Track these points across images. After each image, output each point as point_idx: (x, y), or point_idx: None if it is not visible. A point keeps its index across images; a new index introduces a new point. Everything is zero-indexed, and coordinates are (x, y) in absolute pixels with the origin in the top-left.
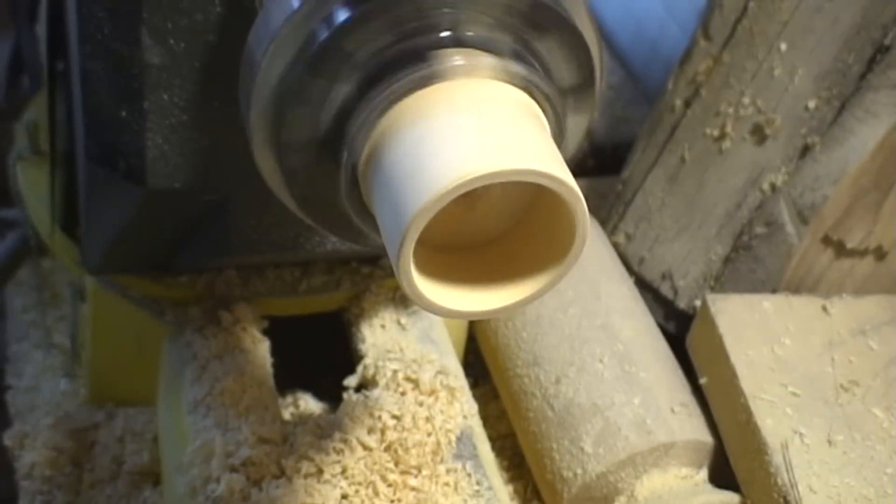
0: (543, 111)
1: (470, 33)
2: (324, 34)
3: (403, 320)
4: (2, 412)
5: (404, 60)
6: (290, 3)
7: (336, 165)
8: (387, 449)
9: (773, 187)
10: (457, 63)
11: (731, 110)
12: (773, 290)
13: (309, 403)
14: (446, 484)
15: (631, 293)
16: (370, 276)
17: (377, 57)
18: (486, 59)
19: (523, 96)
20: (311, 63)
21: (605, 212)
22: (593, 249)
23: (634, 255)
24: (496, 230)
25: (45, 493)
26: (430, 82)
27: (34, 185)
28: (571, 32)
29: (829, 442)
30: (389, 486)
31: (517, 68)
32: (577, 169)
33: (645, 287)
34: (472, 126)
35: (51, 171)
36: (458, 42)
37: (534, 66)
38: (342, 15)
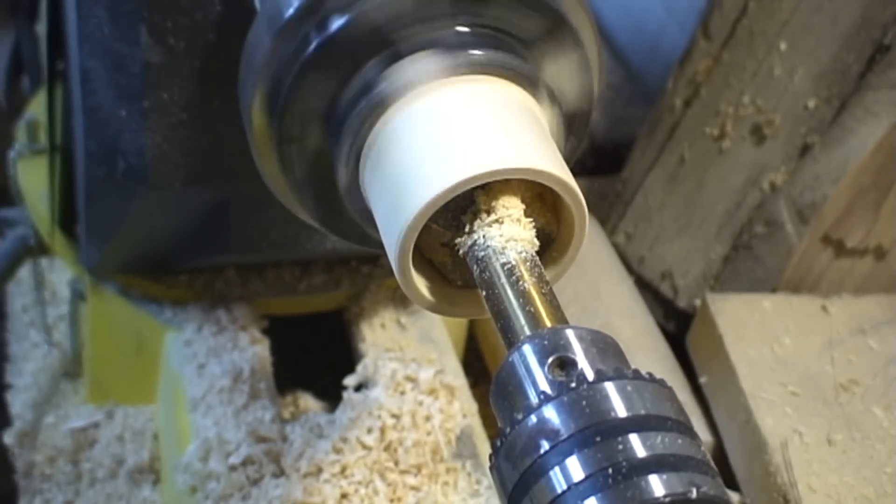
0: (547, 113)
1: (481, 33)
2: (324, 32)
3: (403, 320)
4: (2, 411)
5: (405, 57)
6: (289, 1)
7: (335, 162)
8: (386, 448)
9: (773, 187)
10: (466, 60)
11: (730, 110)
12: (773, 290)
13: (309, 403)
14: (446, 483)
15: (631, 293)
16: (370, 275)
17: (392, 45)
18: (498, 58)
19: (529, 99)
20: (313, 59)
21: (605, 211)
22: (593, 249)
23: (634, 255)
24: None
25: (45, 492)
26: (440, 77)
27: (34, 185)
28: (576, 42)
29: (829, 441)
30: (389, 485)
31: (524, 67)
32: (577, 169)
33: (645, 287)
34: (476, 125)
35: (50, 171)
36: (471, 40)
37: (539, 68)
38: (343, 14)
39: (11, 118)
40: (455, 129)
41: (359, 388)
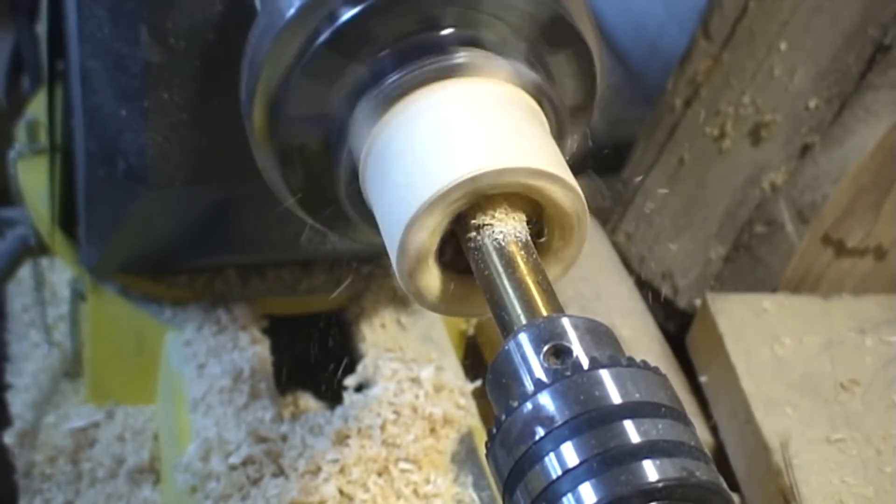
0: (548, 119)
1: (487, 34)
2: (329, 28)
3: (403, 319)
4: (2, 411)
5: (422, 52)
6: (290, 2)
7: (336, 161)
8: (386, 448)
9: (773, 187)
10: (471, 61)
11: (730, 110)
12: (773, 290)
13: (309, 403)
14: (445, 481)
15: (631, 293)
16: (370, 275)
17: (396, 43)
18: (501, 62)
19: (531, 102)
20: (314, 60)
21: (605, 211)
22: (593, 249)
23: (634, 255)
24: None
25: (45, 492)
26: (444, 76)
27: (34, 185)
28: (583, 52)
29: (829, 441)
30: (388, 484)
31: (529, 73)
32: (577, 169)
33: (645, 287)
34: (478, 125)
35: (50, 171)
36: (474, 41)
37: (544, 75)
38: (359, 4)
39: (11, 118)
40: (456, 128)
41: (359, 388)
